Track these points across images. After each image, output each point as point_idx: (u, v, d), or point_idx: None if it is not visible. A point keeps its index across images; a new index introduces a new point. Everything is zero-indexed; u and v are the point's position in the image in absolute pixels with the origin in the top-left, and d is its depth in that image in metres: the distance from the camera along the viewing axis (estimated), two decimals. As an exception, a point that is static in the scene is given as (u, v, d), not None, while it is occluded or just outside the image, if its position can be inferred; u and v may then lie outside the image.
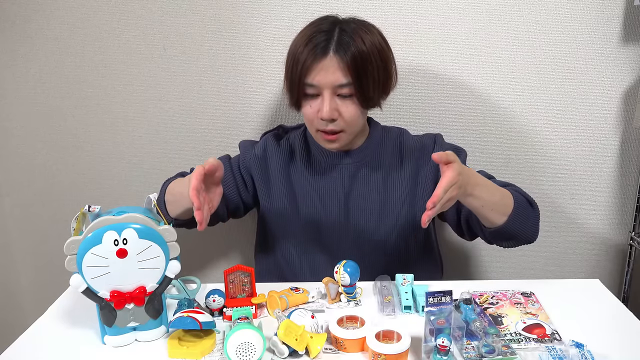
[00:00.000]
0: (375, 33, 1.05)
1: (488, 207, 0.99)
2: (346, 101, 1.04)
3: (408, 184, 1.16)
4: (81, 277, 0.81)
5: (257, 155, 1.19)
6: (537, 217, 1.07)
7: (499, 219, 1.01)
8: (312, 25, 1.06)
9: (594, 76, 1.37)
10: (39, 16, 1.33)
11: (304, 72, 1.02)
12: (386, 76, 1.07)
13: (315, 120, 1.06)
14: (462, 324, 0.83)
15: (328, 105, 1.02)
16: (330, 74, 1.01)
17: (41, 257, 1.55)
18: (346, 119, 1.05)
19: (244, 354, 0.78)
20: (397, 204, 1.15)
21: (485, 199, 0.98)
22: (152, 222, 0.82)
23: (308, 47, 1.01)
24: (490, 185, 1.01)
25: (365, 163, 1.16)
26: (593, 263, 1.54)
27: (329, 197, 1.16)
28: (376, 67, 1.03)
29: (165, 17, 1.33)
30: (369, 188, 1.16)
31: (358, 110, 1.05)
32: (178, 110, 1.42)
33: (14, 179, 1.48)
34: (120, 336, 0.86)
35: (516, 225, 1.02)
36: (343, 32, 1.02)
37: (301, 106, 1.07)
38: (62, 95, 1.40)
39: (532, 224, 1.06)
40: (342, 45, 1.00)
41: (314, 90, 1.03)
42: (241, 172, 1.19)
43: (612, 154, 1.44)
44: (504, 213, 1.01)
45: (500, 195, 1.01)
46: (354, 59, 1.00)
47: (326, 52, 1.00)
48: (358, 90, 1.02)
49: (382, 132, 1.19)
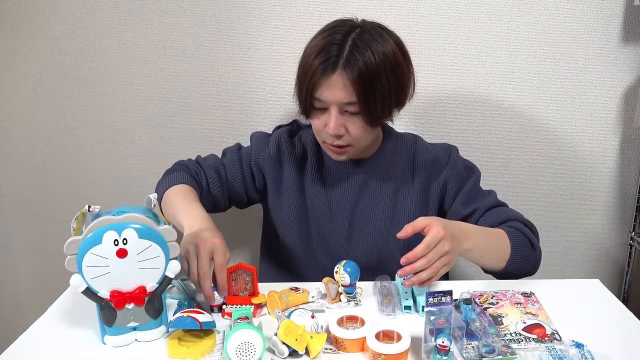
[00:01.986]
0: (391, 43, 1.00)
1: (487, 256, 1.00)
2: (353, 118, 1.02)
3: (418, 198, 1.14)
4: (81, 277, 0.81)
5: (271, 155, 1.17)
6: (537, 258, 1.08)
7: (498, 265, 1.02)
8: (327, 32, 1.02)
9: (594, 76, 1.37)
10: (39, 16, 1.33)
11: (312, 86, 1.00)
12: (400, 89, 1.03)
13: (322, 132, 1.06)
14: (462, 324, 0.83)
15: (334, 122, 1.01)
16: (337, 92, 0.99)
17: (41, 257, 1.55)
18: (353, 135, 1.04)
19: (244, 354, 0.78)
20: (406, 217, 1.13)
21: (483, 247, 0.98)
22: (152, 222, 0.82)
23: (318, 59, 0.99)
24: (483, 232, 1.02)
25: (376, 173, 1.15)
26: (593, 263, 1.54)
27: (336, 205, 1.16)
28: (386, 83, 0.99)
29: (165, 17, 1.33)
30: (377, 200, 1.15)
31: (365, 127, 1.03)
32: (178, 110, 1.42)
33: (14, 178, 1.48)
34: (120, 336, 0.86)
35: (515, 267, 1.03)
36: (355, 46, 0.98)
37: (310, 116, 1.07)
38: (62, 95, 1.40)
39: (531, 264, 1.06)
40: (351, 61, 0.97)
41: (322, 104, 1.02)
42: (251, 167, 1.18)
43: (612, 154, 1.44)
44: (502, 259, 1.01)
45: (496, 240, 1.01)
46: (360, 76, 0.96)
47: (335, 68, 0.98)
48: (364, 109, 1.00)
49: (395, 140, 1.17)
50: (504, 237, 1.03)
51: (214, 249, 0.91)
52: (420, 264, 0.88)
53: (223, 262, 0.91)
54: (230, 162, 1.18)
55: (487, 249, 1.00)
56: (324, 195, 1.16)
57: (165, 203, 1.10)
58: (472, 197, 1.13)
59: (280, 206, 1.18)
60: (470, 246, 0.96)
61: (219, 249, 0.91)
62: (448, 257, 0.90)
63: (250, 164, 1.18)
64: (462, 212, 1.13)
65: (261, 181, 1.19)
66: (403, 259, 0.87)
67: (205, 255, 0.90)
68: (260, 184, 1.19)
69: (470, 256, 0.98)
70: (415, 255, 0.88)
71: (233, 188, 1.18)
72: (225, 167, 1.18)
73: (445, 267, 0.90)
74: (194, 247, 0.91)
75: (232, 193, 1.19)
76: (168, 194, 1.10)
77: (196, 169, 1.17)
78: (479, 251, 0.98)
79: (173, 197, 1.09)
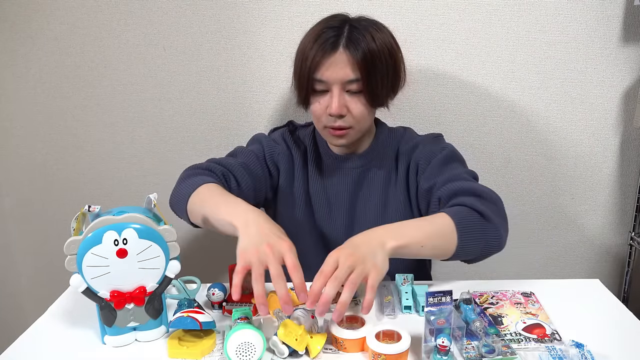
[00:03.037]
0: (386, 32, 1.04)
1: (428, 245, 0.89)
2: (355, 97, 1.03)
3: (402, 186, 1.15)
4: (81, 277, 0.81)
5: (284, 151, 1.17)
6: (496, 230, 0.94)
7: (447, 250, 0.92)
8: (322, 22, 1.05)
9: (594, 76, 1.37)
10: (39, 16, 1.33)
11: (313, 68, 1.01)
12: (395, 76, 1.06)
13: (323, 116, 1.05)
14: (462, 324, 0.83)
15: (337, 101, 1.01)
16: (340, 69, 1.00)
17: (41, 257, 1.55)
18: (355, 115, 1.04)
19: (244, 354, 0.78)
20: (396, 205, 1.15)
21: (419, 238, 0.88)
22: (152, 222, 0.82)
23: (317, 42, 1.00)
24: (416, 222, 0.93)
25: (370, 166, 1.16)
26: (593, 263, 1.54)
27: (334, 200, 1.17)
28: (385, 65, 1.02)
29: (165, 17, 1.33)
30: (372, 191, 1.16)
31: (367, 106, 1.04)
32: (178, 110, 1.42)
33: (14, 178, 1.48)
34: (120, 336, 0.86)
35: (468, 247, 0.92)
36: (353, 28, 1.01)
37: (309, 103, 1.06)
38: (62, 95, 1.40)
39: (489, 238, 0.94)
40: (352, 41, 0.99)
41: (323, 86, 1.03)
42: (267, 164, 1.17)
43: (612, 154, 1.44)
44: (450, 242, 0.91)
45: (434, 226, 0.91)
46: (364, 55, 0.99)
47: (336, 47, 0.99)
48: (367, 87, 1.01)
49: (388, 133, 1.18)
50: (444, 218, 0.92)
51: (283, 253, 0.81)
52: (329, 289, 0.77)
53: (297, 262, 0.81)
54: (249, 160, 1.15)
55: (425, 238, 0.89)
56: (323, 190, 1.17)
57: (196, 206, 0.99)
58: (435, 172, 1.07)
59: (289, 200, 1.18)
60: (401, 242, 0.86)
61: (289, 251, 0.82)
62: (361, 267, 0.80)
63: (266, 159, 1.17)
64: (423, 187, 1.08)
65: (276, 177, 1.19)
66: (308, 304, 0.78)
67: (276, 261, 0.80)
68: (275, 180, 1.19)
69: (409, 252, 0.88)
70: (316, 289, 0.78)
71: (260, 184, 1.15)
72: (249, 165, 1.14)
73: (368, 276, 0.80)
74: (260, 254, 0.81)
75: (258, 190, 1.15)
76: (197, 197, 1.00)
77: (221, 169, 1.09)
78: (415, 244, 0.88)
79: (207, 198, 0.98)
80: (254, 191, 1.14)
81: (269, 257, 0.80)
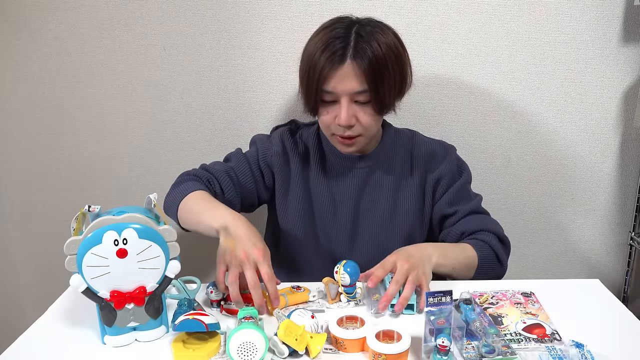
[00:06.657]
0: (391, 35, 1.04)
1: (457, 269, 1.05)
2: (364, 107, 1.04)
3: (416, 192, 1.16)
4: (81, 277, 0.81)
5: (278, 152, 1.17)
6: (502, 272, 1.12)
7: (466, 276, 1.08)
8: (327, 29, 1.03)
9: (594, 76, 1.37)
10: (39, 16, 1.33)
11: (322, 80, 1.01)
12: (402, 79, 1.06)
13: (332, 125, 1.06)
14: (462, 324, 0.83)
15: (346, 112, 1.02)
16: (348, 82, 1.00)
17: (41, 257, 1.55)
18: (364, 124, 1.05)
19: (245, 354, 0.78)
20: (406, 210, 1.15)
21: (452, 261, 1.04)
22: (152, 222, 0.82)
23: (325, 54, 1.00)
24: (452, 248, 1.08)
25: (377, 167, 1.16)
26: (593, 263, 1.54)
27: (340, 200, 1.17)
28: (392, 71, 1.02)
29: (165, 17, 1.33)
30: (379, 193, 1.16)
31: (375, 115, 1.05)
32: (178, 110, 1.42)
33: (14, 179, 1.48)
34: (120, 336, 0.86)
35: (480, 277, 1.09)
36: (359, 37, 1.00)
37: (318, 112, 1.07)
38: (62, 95, 1.40)
39: (495, 276, 1.11)
40: (359, 51, 0.99)
41: (332, 97, 1.03)
42: (260, 167, 1.18)
43: (612, 154, 1.44)
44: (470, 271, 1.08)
45: (463, 255, 1.07)
46: (370, 65, 0.99)
47: (343, 59, 0.99)
48: (375, 97, 1.02)
49: (394, 135, 1.18)
50: (470, 251, 1.08)
51: (257, 261, 0.90)
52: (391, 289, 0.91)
53: (270, 272, 0.91)
54: (239, 165, 1.17)
55: (457, 264, 1.05)
56: (328, 190, 1.17)
57: (184, 212, 1.06)
58: (458, 198, 1.15)
59: (287, 202, 1.18)
60: (442, 262, 1.02)
61: (262, 261, 0.90)
62: (415, 272, 0.93)
63: (259, 163, 1.18)
64: (445, 210, 1.15)
65: (270, 179, 1.19)
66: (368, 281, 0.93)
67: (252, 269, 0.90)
68: (269, 181, 1.19)
69: (443, 270, 1.03)
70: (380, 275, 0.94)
71: (246, 189, 1.17)
72: (235, 170, 1.17)
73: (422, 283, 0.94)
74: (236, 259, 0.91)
75: (245, 195, 1.18)
76: (185, 203, 1.06)
77: (207, 176, 1.14)
78: (450, 266, 1.03)
79: (193, 204, 1.05)
80: (239, 197, 1.17)
81: (245, 265, 0.90)
